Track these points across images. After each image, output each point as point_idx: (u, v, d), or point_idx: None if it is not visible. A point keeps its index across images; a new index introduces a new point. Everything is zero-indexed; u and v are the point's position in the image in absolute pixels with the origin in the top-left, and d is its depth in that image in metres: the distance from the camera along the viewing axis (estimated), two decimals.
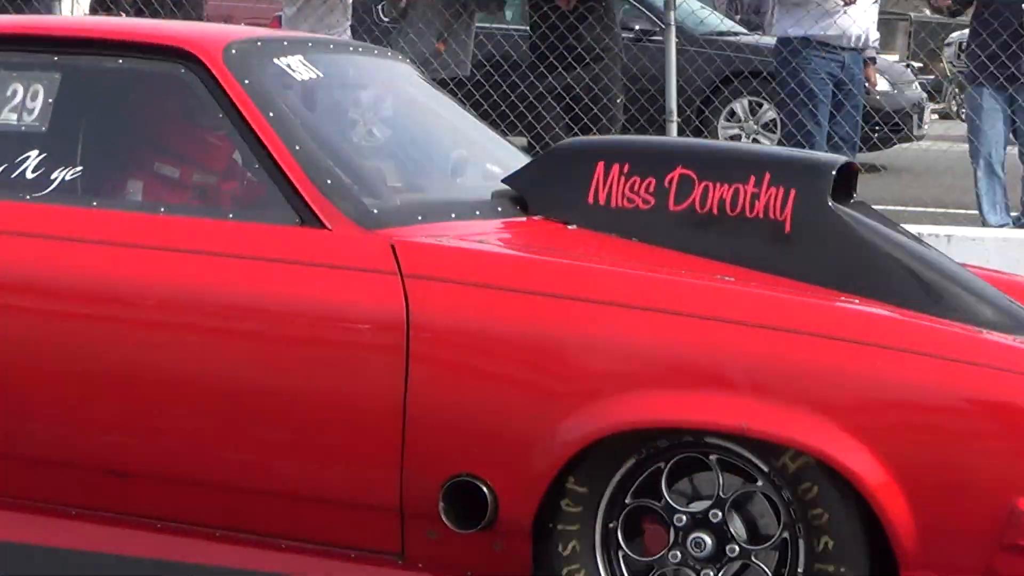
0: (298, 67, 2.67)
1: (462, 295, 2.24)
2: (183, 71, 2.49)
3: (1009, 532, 1.99)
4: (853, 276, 2.39)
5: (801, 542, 2.08)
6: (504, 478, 2.15)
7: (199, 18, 7.26)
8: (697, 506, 2.13)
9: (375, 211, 2.36)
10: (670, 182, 2.56)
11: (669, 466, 2.13)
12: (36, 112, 2.54)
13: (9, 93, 2.54)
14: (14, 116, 2.56)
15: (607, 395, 2.13)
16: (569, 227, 2.59)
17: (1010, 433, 1.99)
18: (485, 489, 2.13)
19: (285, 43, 2.86)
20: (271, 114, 2.42)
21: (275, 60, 2.61)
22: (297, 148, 2.37)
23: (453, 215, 2.52)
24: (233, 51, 2.52)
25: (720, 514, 2.09)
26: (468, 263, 2.35)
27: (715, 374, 2.15)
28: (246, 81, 2.44)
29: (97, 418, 2.33)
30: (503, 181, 2.65)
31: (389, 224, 2.35)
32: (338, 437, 2.26)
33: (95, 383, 2.34)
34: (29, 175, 2.47)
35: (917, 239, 2.68)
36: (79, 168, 2.53)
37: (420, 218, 2.43)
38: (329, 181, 2.35)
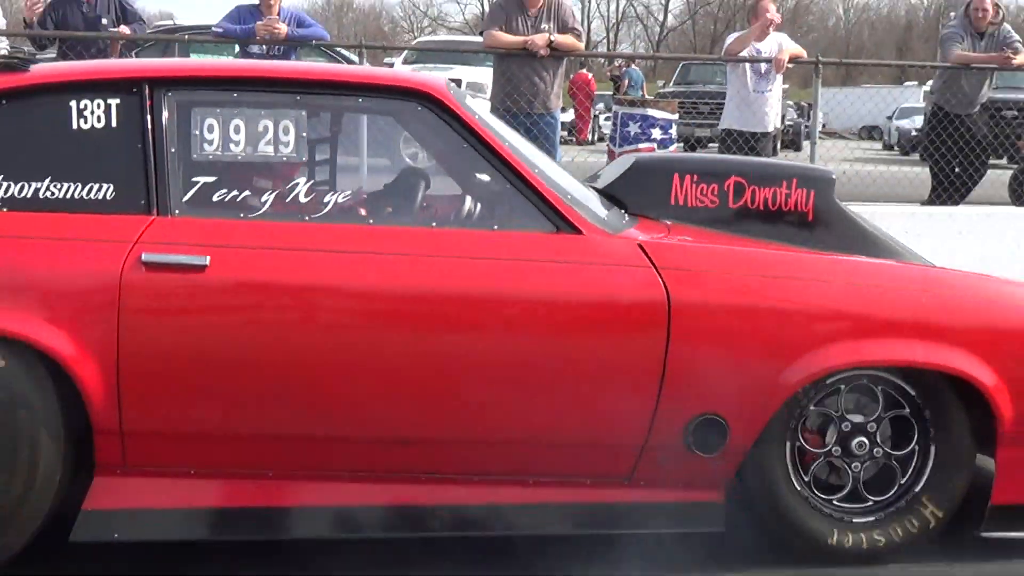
0: (480, 107, 3.39)
1: (706, 280, 3.07)
2: (418, 107, 3.10)
3: None
4: (852, 246, 3.51)
5: (932, 447, 3.20)
6: (737, 415, 3.04)
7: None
8: (858, 418, 3.17)
9: (605, 219, 3.15)
10: (728, 187, 3.53)
11: (845, 391, 3.15)
12: (292, 144, 3.07)
13: (260, 128, 3.03)
14: (270, 148, 3.05)
15: (817, 347, 3.05)
16: (668, 223, 3.40)
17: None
18: (725, 423, 3.02)
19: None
20: (507, 142, 3.13)
21: (468, 100, 3.29)
22: (536, 169, 3.07)
23: (626, 220, 3.27)
24: (452, 91, 3.19)
25: (875, 426, 3.16)
26: (699, 255, 3.22)
27: (882, 325, 3.17)
28: (476, 115, 3.12)
29: (400, 399, 2.93)
30: (601, 191, 3.49)
31: (617, 229, 3.13)
32: (606, 397, 2.98)
33: (399, 369, 2.90)
34: (303, 199, 3.03)
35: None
36: (347, 192, 3.25)
37: (625, 224, 3.22)
38: (568, 195, 3.09)
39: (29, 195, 2.85)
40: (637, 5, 56.60)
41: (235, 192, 2.98)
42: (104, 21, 7.46)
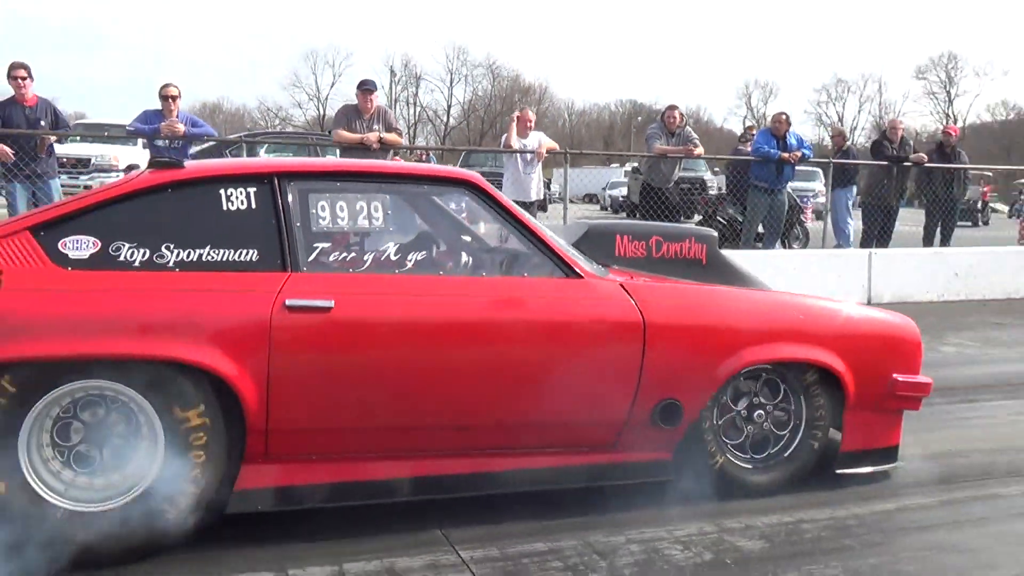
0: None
1: (669, 307, 3.56)
2: (468, 191, 3.55)
3: (891, 389, 3.89)
4: (733, 281, 4.06)
5: (805, 415, 3.78)
6: (688, 399, 3.52)
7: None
8: (760, 398, 3.76)
9: (594, 267, 3.62)
10: (651, 243, 4.13)
11: (750, 379, 3.73)
12: (380, 219, 3.44)
13: (358, 208, 3.39)
14: (366, 222, 3.42)
15: (737, 351, 3.57)
16: (627, 270, 3.94)
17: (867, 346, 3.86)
18: (681, 404, 3.50)
19: None
20: (526, 216, 3.58)
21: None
22: (547, 235, 3.56)
23: (604, 266, 3.75)
24: (486, 182, 3.62)
25: (769, 401, 3.77)
26: (665, 291, 3.73)
27: (775, 334, 3.68)
28: (504, 198, 3.60)
29: (463, 396, 3.28)
30: (572, 246, 3.80)
31: (603, 274, 3.60)
32: (603, 388, 3.43)
33: (463, 375, 3.25)
34: (392, 257, 3.37)
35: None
36: (421, 253, 3.44)
37: (607, 270, 3.70)
38: (569, 252, 3.58)
39: (195, 259, 3.05)
40: (428, 111, 58.94)
41: (344, 254, 3.30)
42: (43, 123, 7.74)
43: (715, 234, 4.45)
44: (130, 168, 17.33)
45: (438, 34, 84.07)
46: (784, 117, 10.57)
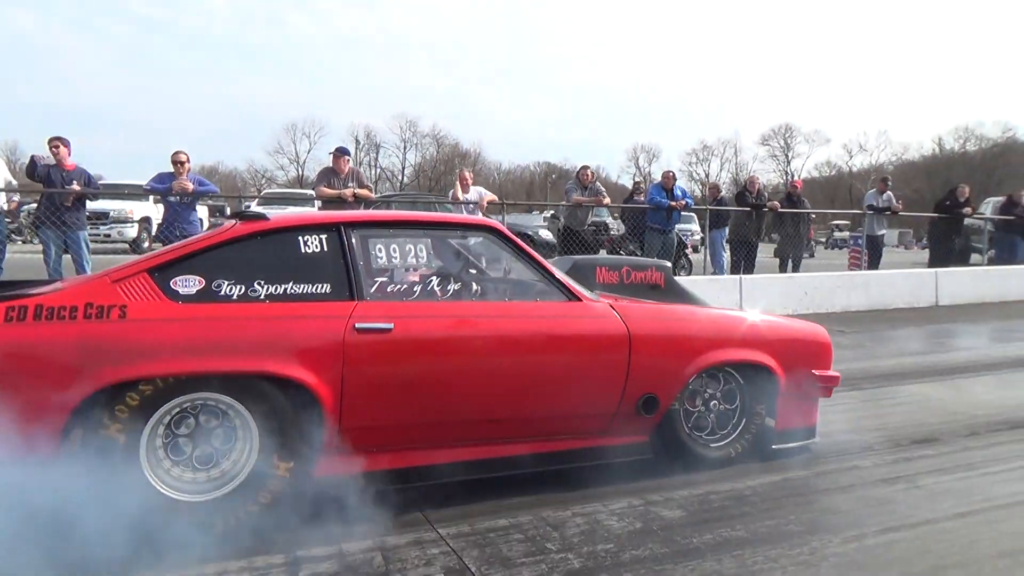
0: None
1: (647, 322, 3.61)
2: (491, 235, 3.63)
3: (811, 382, 3.96)
4: (686, 301, 4.24)
5: (748, 407, 3.85)
6: (664, 393, 3.59)
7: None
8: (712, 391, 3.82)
9: (589, 292, 3.67)
10: (623, 273, 4.33)
11: (708, 377, 3.79)
12: (425, 258, 3.51)
13: (407, 249, 3.44)
14: (414, 260, 3.46)
15: (699, 355, 3.66)
16: (612, 295, 4.00)
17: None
18: (658, 397, 3.57)
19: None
20: (537, 255, 3.65)
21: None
22: (553, 268, 3.65)
23: (594, 292, 3.77)
24: (505, 227, 3.73)
25: (720, 394, 3.83)
26: (643, 309, 3.72)
27: (727, 342, 3.76)
28: (519, 241, 3.64)
29: (496, 394, 3.29)
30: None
31: (595, 298, 3.64)
32: (599, 385, 3.47)
33: (495, 378, 3.27)
34: (436, 288, 3.40)
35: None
36: (458, 283, 3.47)
37: (599, 295, 3.73)
38: (571, 281, 3.65)
39: (281, 292, 3.07)
40: (387, 172, 59.91)
41: (398, 286, 3.34)
42: (75, 184, 7.52)
43: (669, 264, 4.73)
44: (144, 219, 17.13)
45: (393, 110, 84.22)
46: (671, 174, 10.85)
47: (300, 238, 3.18)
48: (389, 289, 3.29)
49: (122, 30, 78.02)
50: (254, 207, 15.97)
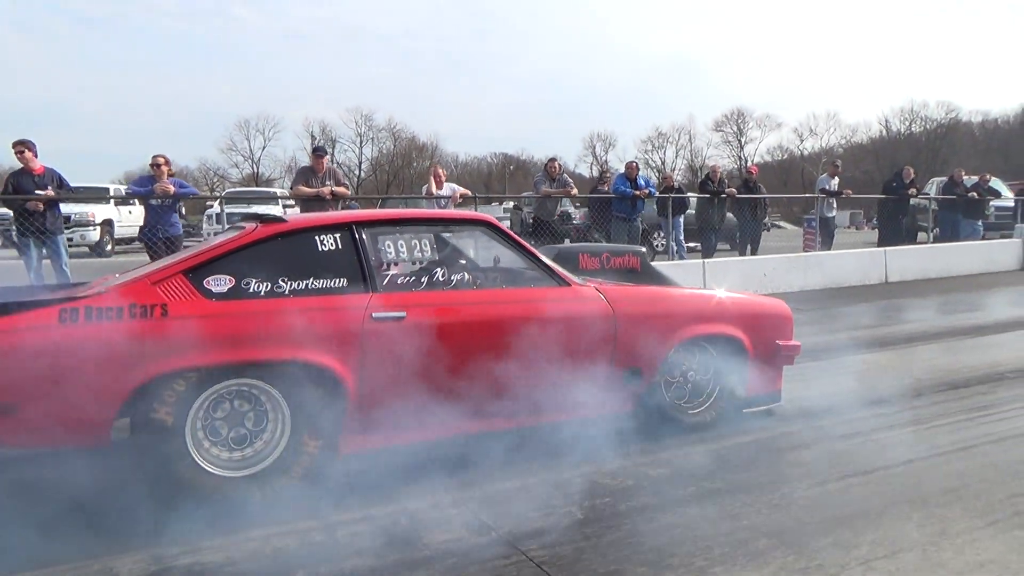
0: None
1: (629, 303, 3.93)
2: (484, 228, 3.94)
3: (776, 351, 4.45)
4: (660, 282, 4.54)
5: (720, 375, 4.22)
6: (647, 366, 3.95)
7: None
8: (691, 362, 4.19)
9: (576, 277, 3.99)
10: (603, 258, 4.64)
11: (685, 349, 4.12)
12: (428, 252, 3.74)
13: (412, 244, 3.69)
14: (419, 254, 3.71)
15: (676, 330, 4.02)
16: (595, 279, 4.26)
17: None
18: (642, 370, 3.93)
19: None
20: (529, 245, 4.00)
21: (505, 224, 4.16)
22: (543, 257, 3.96)
23: (580, 277, 4.08)
24: (498, 221, 4.07)
25: (696, 365, 4.18)
26: (625, 291, 4.06)
27: (700, 317, 4.14)
28: (512, 233, 4.02)
29: (500, 370, 3.50)
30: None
31: (583, 283, 3.95)
32: (590, 361, 3.76)
33: (497, 355, 3.50)
34: (440, 278, 3.67)
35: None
36: (459, 274, 3.76)
37: (583, 280, 4.01)
38: (559, 268, 3.95)
39: (303, 287, 3.33)
40: (344, 168, 59.92)
41: (407, 278, 3.61)
42: (49, 188, 7.53)
43: (644, 250, 5.15)
44: (106, 222, 17.04)
45: (348, 103, 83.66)
46: (635, 164, 11.29)
47: (317, 237, 3.45)
48: (399, 281, 3.57)
49: (64, 30, 75.92)
50: (215, 208, 16.03)
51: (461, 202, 9.28)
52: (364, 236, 3.54)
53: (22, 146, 7.47)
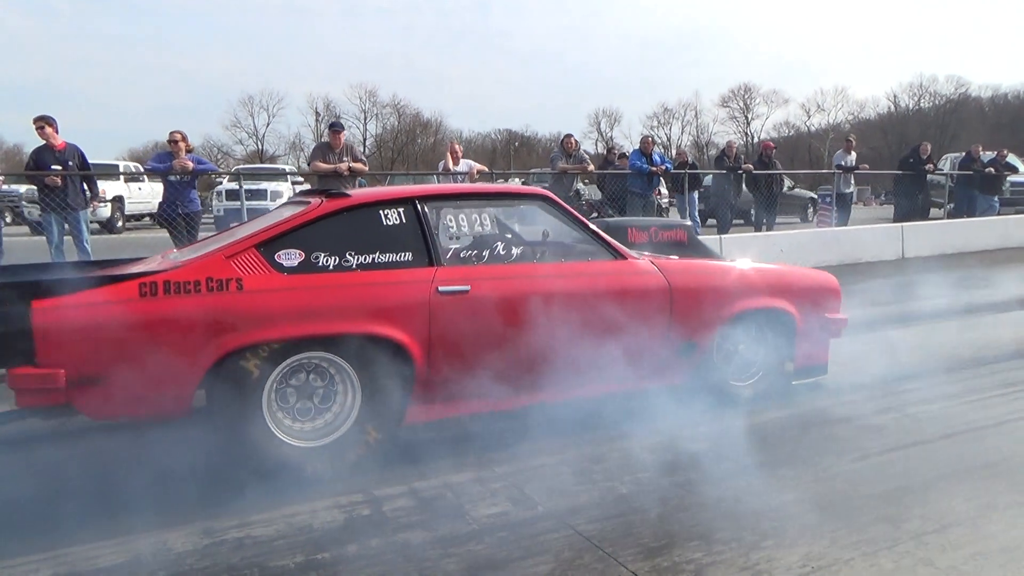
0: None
1: (684, 276, 3.95)
2: (543, 202, 3.92)
3: (823, 324, 4.48)
4: (707, 256, 4.69)
5: (772, 348, 4.27)
6: (701, 339, 3.99)
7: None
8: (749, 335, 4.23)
9: (635, 253, 4.07)
10: (652, 232, 4.79)
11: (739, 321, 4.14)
12: (489, 226, 3.76)
13: (474, 218, 3.71)
14: (479, 228, 3.73)
15: (729, 303, 4.04)
16: (646, 252, 4.41)
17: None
18: (696, 343, 3.96)
19: None
20: (585, 220, 4.02)
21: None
22: (603, 233, 3.98)
23: (635, 253, 4.12)
24: (555, 196, 4.01)
25: (753, 338, 4.23)
26: (680, 265, 4.09)
27: (752, 290, 4.18)
28: (570, 208, 4.01)
29: (564, 344, 3.55)
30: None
31: (639, 257, 4.02)
32: (647, 333, 3.77)
33: (557, 326, 3.50)
34: (501, 252, 3.69)
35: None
36: (519, 247, 3.76)
37: (641, 254, 4.11)
38: (617, 243, 3.99)
39: (370, 261, 3.38)
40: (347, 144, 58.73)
41: (469, 251, 3.63)
42: (71, 164, 7.53)
43: (690, 224, 5.27)
44: (116, 199, 17.07)
45: (351, 80, 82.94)
46: (650, 139, 11.20)
47: (381, 212, 3.49)
48: (462, 255, 3.60)
49: (64, 5, 75.35)
50: (226, 184, 16.04)
51: (478, 178, 9.23)
52: (427, 210, 3.57)
53: (42, 122, 7.45)
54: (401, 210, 3.51)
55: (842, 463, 3.34)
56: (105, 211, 15.91)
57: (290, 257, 3.25)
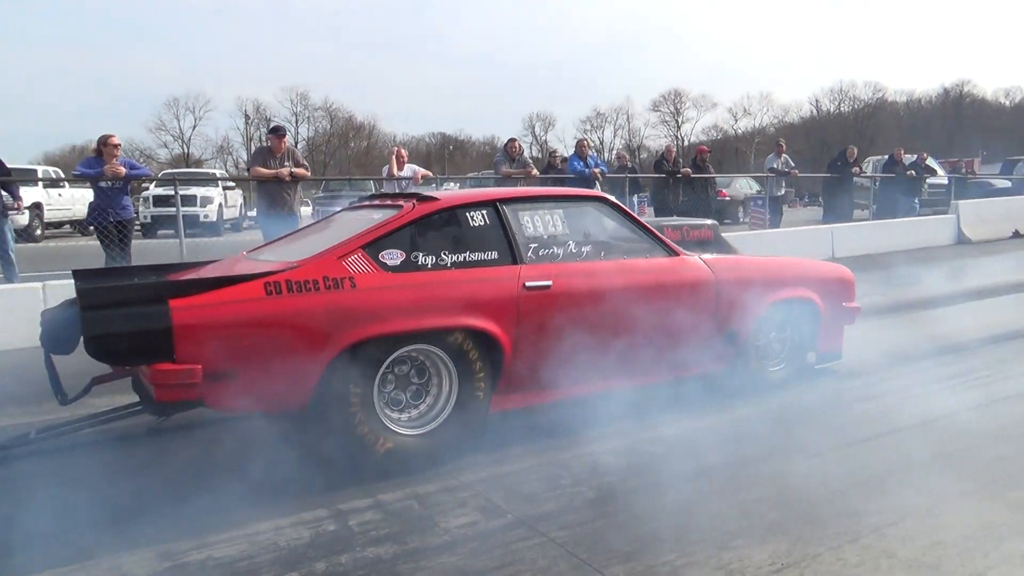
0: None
1: (728, 271, 4.30)
2: (602, 204, 4.24)
3: (841, 312, 4.89)
4: (729, 251, 4.84)
5: (799, 336, 4.72)
6: (741, 327, 4.31)
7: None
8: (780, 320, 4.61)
9: (685, 251, 4.32)
10: (684, 230, 4.92)
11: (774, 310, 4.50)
12: (560, 226, 3.95)
13: (548, 219, 3.93)
14: (553, 229, 3.92)
15: (766, 294, 4.39)
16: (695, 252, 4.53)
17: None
18: (738, 331, 4.30)
19: None
20: (642, 220, 4.38)
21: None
22: (656, 232, 4.27)
23: (685, 251, 4.36)
24: (614, 198, 4.41)
25: (786, 322, 4.64)
26: (724, 260, 4.41)
27: (783, 281, 4.55)
28: (628, 209, 4.39)
29: (633, 334, 3.82)
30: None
31: (689, 255, 4.29)
32: (698, 323, 4.09)
33: (628, 319, 3.78)
34: (573, 250, 3.93)
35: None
36: (588, 246, 3.99)
37: (687, 253, 4.32)
38: (671, 241, 4.30)
39: (462, 260, 3.60)
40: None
41: (547, 250, 3.85)
42: None
43: (716, 223, 5.49)
44: (35, 205, 16.24)
45: (282, 82, 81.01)
46: (585, 143, 11.34)
47: (468, 214, 3.72)
48: (540, 253, 3.82)
49: None
50: (153, 189, 15.51)
51: (422, 183, 9.15)
52: (507, 212, 3.80)
53: None
54: (485, 212, 3.75)
55: (798, 462, 3.40)
56: (23, 219, 15.14)
57: (393, 257, 3.45)
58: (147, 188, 16.04)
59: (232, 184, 19.44)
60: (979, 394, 4.40)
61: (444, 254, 3.55)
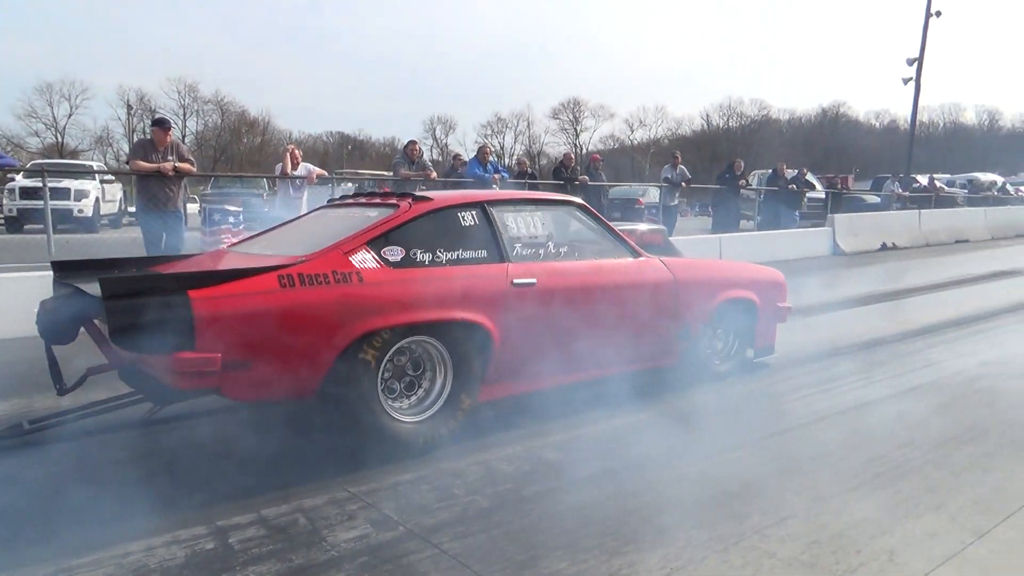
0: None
1: (685, 271, 4.65)
2: (576, 209, 4.55)
3: (775, 310, 5.35)
4: (675, 254, 5.12)
5: (742, 332, 5.20)
6: (695, 324, 4.67)
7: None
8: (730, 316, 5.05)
9: (646, 253, 4.61)
10: (639, 235, 5.19)
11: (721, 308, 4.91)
12: (540, 228, 4.22)
13: (530, 220, 4.18)
14: (534, 231, 4.19)
15: (715, 294, 4.80)
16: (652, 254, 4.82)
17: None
18: (692, 328, 4.64)
19: None
20: (610, 223, 4.63)
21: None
22: (621, 234, 4.57)
23: (644, 255, 4.63)
24: (583, 202, 4.68)
25: (725, 326, 5.06)
26: (680, 262, 4.77)
27: (731, 283, 4.94)
28: (597, 213, 4.63)
29: (602, 329, 4.11)
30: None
31: (650, 257, 4.58)
32: (659, 320, 4.47)
33: (595, 314, 4.07)
34: (552, 250, 4.19)
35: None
36: (564, 247, 4.28)
37: (649, 254, 4.62)
38: (635, 244, 4.59)
39: (455, 257, 3.79)
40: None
41: (530, 250, 4.10)
42: None
43: (665, 228, 5.93)
44: None
45: (169, 72, 77.02)
46: (487, 148, 11.38)
47: (459, 214, 3.92)
48: (525, 252, 4.07)
49: None
50: (20, 180, 14.45)
51: (317, 182, 8.88)
52: (494, 213, 4.02)
53: None
54: (475, 212, 3.97)
55: (688, 464, 3.48)
56: None
57: (394, 253, 3.61)
58: (13, 179, 14.89)
59: (111, 177, 18.28)
60: (854, 397, 4.65)
61: (440, 251, 3.74)
